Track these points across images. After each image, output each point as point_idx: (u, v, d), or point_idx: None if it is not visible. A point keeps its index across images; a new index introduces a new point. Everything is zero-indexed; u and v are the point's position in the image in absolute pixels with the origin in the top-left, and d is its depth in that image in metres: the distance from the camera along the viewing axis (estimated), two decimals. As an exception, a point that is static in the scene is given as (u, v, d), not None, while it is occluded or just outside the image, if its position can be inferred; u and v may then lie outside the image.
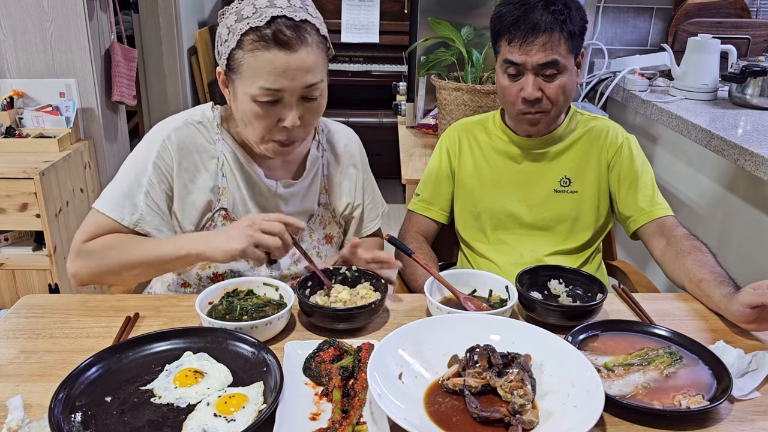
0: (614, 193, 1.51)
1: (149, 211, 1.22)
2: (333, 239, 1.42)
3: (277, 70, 1.10)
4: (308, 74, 1.12)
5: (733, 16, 2.70)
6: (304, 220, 1.35)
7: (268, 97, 1.12)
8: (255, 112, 1.14)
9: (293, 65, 1.10)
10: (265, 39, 1.09)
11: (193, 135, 1.25)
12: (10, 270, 2.46)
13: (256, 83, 1.11)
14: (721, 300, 1.16)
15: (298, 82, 1.12)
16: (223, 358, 0.97)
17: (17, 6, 2.56)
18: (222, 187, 1.26)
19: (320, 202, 1.38)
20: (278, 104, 1.14)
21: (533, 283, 1.24)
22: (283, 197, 1.32)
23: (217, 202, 1.27)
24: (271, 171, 1.31)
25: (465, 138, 1.57)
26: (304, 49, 1.11)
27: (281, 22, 1.09)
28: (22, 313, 1.15)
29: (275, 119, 1.15)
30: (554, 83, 1.38)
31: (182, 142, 1.24)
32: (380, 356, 0.92)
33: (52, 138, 2.53)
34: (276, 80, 1.10)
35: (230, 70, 1.15)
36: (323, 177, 1.38)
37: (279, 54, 1.09)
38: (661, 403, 0.91)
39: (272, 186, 1.30)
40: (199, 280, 1.30)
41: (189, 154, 1.24)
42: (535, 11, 1.34)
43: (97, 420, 0.84)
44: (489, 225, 1.55)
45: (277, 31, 1.09)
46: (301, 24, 1.11)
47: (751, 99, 2.20)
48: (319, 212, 1.38)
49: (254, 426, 0.81)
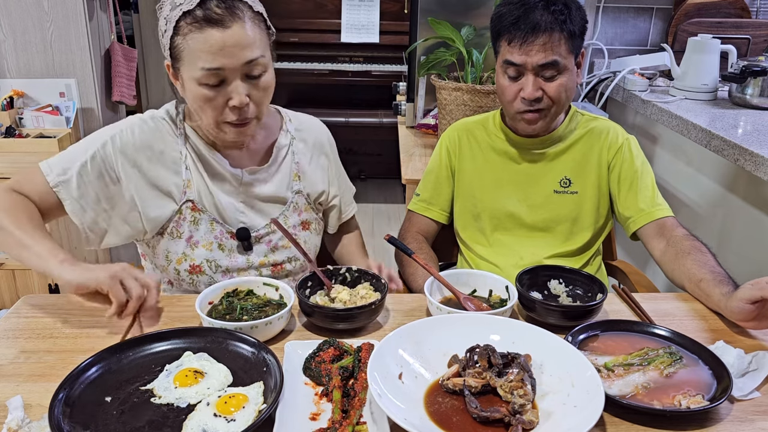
0: (614, 193, 1.50)
1: (78, 180, 1.21)
2: (311, 225, 1.42)
3: (213, 48, 1.11)
4: (246, 50, 1.13)
5: (733, 16, 2.70)
6: (276, 207, 1.36)
7: (212, 78, 1.13)
8: (202, 95, 1.15)
9: (229, 42, 1.11)
10: (198, 20, 1.11)
11: (158, 129, 1.27)
12: (10, 270, 2.46)
13: (196, 65, 1.13)
14: (720, 299, 1.16)
15: (237, 59, 1.13)
16: (223, 358, 0.97)
17: (17, 6, 2.56)
18: (186, 179, 1.28)
19: (293, 189, 1.38)
20: (223, 85, 1.15)
21: (533, 283, 1.24)
22: (250, 184, 1.33)
23: (183, 195, 1.28)
24: (235, 160, 1.32)
25: (465, 138, 1.57)
26: (238, 24, 1.12)
27: (212, 3, 1.11)
28: (22, 313, 1.15)
29: (224, 100, 1.16)
30: (554, 83, 1.38)
31: (146, 134, 1.26)
32: (380, 356, 0.92)
33: (52, 138, 2.53)
34: (214, 59, 1.11)
35: (174, 59, 1.17)
36: (295, 164, 1.39)
37: (213, 32, 1.11)
38: (661, 403, 0.91)
39: (238, 174, 1.31)
40: (178, 274, 1.30)
41: (151, 146, 1.26)
42: (535, 11, 1.33)
43: (97, 420, 0.84)
44: (489, 225, 1.55)
45: (208, 10, 1.11)
46: (232, 2, 1.12)
47: (751, 99, 2.20)
48: (293, 199, 1.38)
49: (254, 426, 0.81)
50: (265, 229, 1.34)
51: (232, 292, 1.16)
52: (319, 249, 1.47)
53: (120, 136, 1.25)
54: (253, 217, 1.33)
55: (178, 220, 1.28)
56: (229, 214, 1.31)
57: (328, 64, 4.18)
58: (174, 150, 1.28)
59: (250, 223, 1.33)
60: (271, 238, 1.34)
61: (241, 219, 1.32)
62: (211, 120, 1.19)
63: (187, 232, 1.28)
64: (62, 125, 2.64)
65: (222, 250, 1.30)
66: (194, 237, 1.29)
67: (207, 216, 1.29)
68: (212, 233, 1.30)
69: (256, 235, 1.33)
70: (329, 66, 4.19)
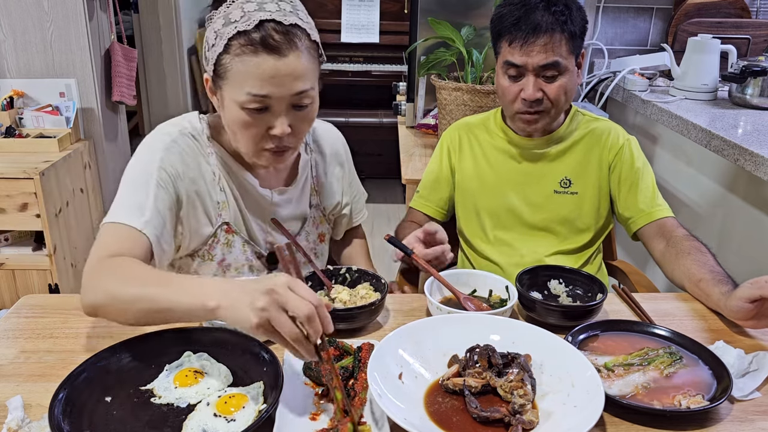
0: (614, 194, 1.50)
1: (156, 214, 1.12)
2: (325, 237, 1.42)
3: (264, 75, 1.05)
4: (297, 81, 1.08)
5: (733, 16, 2.70)
6: (298, 224, 1.34)
7: (256, 104, 1.08)
8: (243, 120, 1.10)
9: (282, 71, 1.06)
10: (253, 43, 1.05)
11: (190, 147, 1.20)
12: (10, 270, 2.45)
13: (243, 89, 1.07)
14: (720, 298, 1.16)
15: (287, 89, 1.07)
16: (223, 358, 0.97)
17: (17, 6, 2.56)
18: (221, 201, 1.23)
19: (312, 204, 1.37)
20: (266, 112, 1.09)
21: (533, 283, 1.24)
22: (279, 205, 1.30)
23: (219, 217, 1.23)
24: (264, 180, 1.28)
25: (466, 137, 1.58)
26: (294, 54, 1.06)
27: (270, 27, 1.05)
28: (22, 313, 1.15)
29: (264, 127, 1.11)
30: (555, 84, 1.37)
31: (182, 153, 1.19)
32: (380, 356, 0.92)
33: (52, 138, 2.53)
34: (263, 86, 1.06)
35: (217, 76, 1.11)
36: (313, 179, 1.37)
37: (267, 59, 1.05)
38: (661, 403, 0.91)
39: (267, 196, 1.27)
40: None
41: (190, 165, 1.19)
42: (536, 12, 1.33)
43: (97, 420, 0.84)
44: (489, 223, 1.55)
45: (265, 35, 1.04)
46: (291, 28, 1.06)
47: (751, 99, 2.20)
48: (312, 214, 1.37)
49: (254, 426, 0.81)
50: None
51: (232, 292, 1.16)
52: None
53: (167, 157, 1.16)
54: (278, 237, 1.30)
55: (212, 243, 1.24)
56: (258, 235, 1.28)
57: (328, 64, 4.18)
58: (207, 170, 1.21)
59: (277, 242, 1.30)
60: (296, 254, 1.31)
61: (268, 239, 1.30)
62: (248, 145, 1.14)
63: (219, 255, 1.25)
64: (62, 125, 2.64)
65: (252, 272, 1.28)
66: (227, 260, 1.25)
67: (240, 238, 1.26)
68: (244, 255, 1.27)
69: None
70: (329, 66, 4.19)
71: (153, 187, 1.13)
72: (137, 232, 1.08)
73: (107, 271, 1.01)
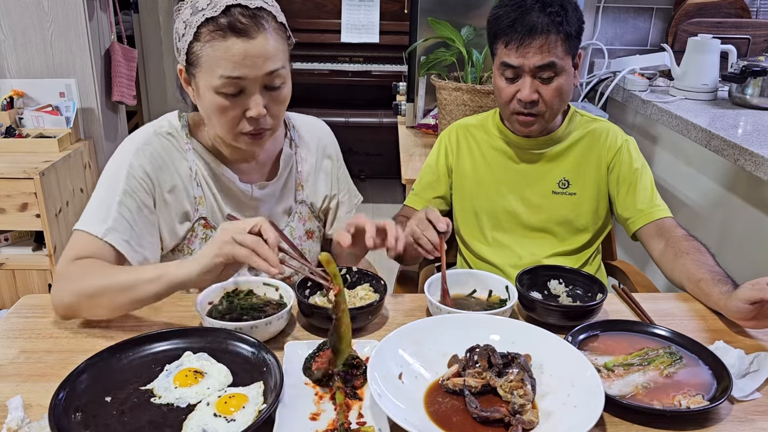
0: (613, 195, 1.50)
1: (120, 220, 1.17)
2: (314, 234, 1.42)
3: (235, 57, 1.09)
4: (268, 61, 1.11)
5: (733, 16, 2.70)
6: (282, 219, 1.35)
7: (230, 87, 1.11)
8: (219, 105, 1.13)
9: (252, 52, 1.09)
10: (222, 28, 1.08)
11: (164, 146, 1.24)
12: (10, 270, 2.46)
13: (216, 73, 1.10)
14: (719, 298, 1.16)
15: (259, 69, 1.11)
16: (223, 358, 0.97)
17: (17, 6, 2.56)
18: (198, 196, 1.26)
19: (297, 199, 1.37)
20: (241, 95, 1.12)
21: (533, 283, 1.24)
22: (260, 200, 1.31)
23: (195, 212, 1.26)
24: (245, 175, 1.29)
25: (464, 137, 1.58)
26: (262, 35, 1.10)
27: (237, 11, 1.09)
28: (22, 313, 1.15)
29: (240, 111, 1.14)
30: (551, 85, 1.37)
31: (154, 154, 1.22)
32: (380, 356, 0.92)
33: (52, 138, 2.53)
34: (235, 68, 1.09)
35: (190, 64, 1.15)
36: (297, 173, 1.37)
37: (236, 42, 1.09)
38: (661, 403, 0.91)
39: (247, 190, 1.29)
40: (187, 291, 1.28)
41: (162, 166, 1.23)
42: (532, 13, 1.33)
43: (97, 420, 0.84)
44: (487, 224, 1.55)
45: (233, 19, 1.08)
46: (257, 11, 1.10)
47: (751, 99, 2.20)
48: (297, 209, 1.37)
49: (254, 426, 0.81)
50: None
51: (232, 292, 1.16)
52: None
53: (136, 162, 1.20)
54: None
55: (191, 237, 1.27)
56: None
57: (328, 64, 4.18)
58: (184, 166, 1.25)
59: None
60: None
61: None
62: (226, 130, 1.17)
63: (198, 249, 1.26)
64: (62, 125, 2.64)
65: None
66: None
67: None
68: None
69: None
70: (329, 66, 4.19)
71: (119, 194, 1.18)
72: (99, 241, 1.15)
73: (72, 273, 1.11)
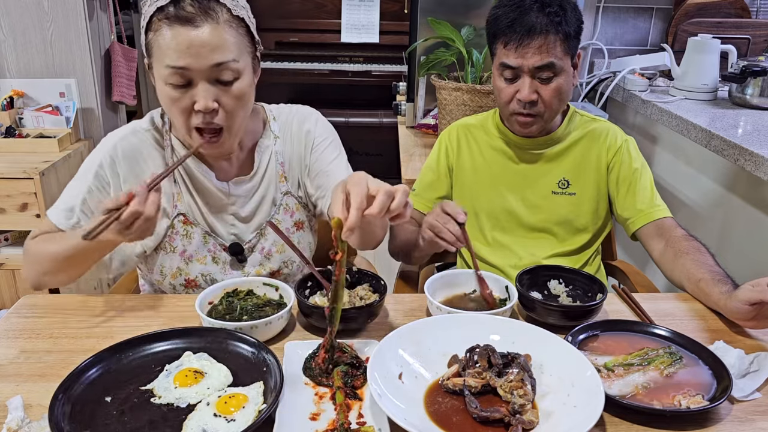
0: (613, 195, 1.50)
1: (85, 218, 1.22)
2: (303, 225, 1.37)
3: (180, 46, 1.07)
4: (215, 52, 1.08)
5: (733, 16, 2.70)
6: (266, 213, 1.31)
7: (177, 78, 1.09)
8: (169, 95, 1.11)
9: (196, 41, 1.07)
10: (168, 17, 1.07)
11: (142, 143, 1.25)
12: (10, 270, 2.46)
13: (163, 63, 1.09)
14: (719, 298, 1.16)
15: (204, 60, 1.08)
16: (223, 358, 0.97)
17: (17, 6, 2.56)
18: (176, 193, 1.26)
19: (281, 191, 1.34)
20: (190, 87, 1.10)
21: (533, 283, 1.24)
22: (238, 196, 1.29)
23: (174, 208, 1.26)
24: (221, 172, 1.28)
25: (464, 137, 1.57)
26: (209, 25, 1.08)
27: (186, 1, 1.08)
28: (22, 313, 1.15)
29: (189, 103, 1.11)
30: (550, 86, 1.37)
31: (129, 151, 1.23)
32: (380, 356, 0.92)
33: (52, 138, 2.53)
34: (180, 57, 1.07)
35: (148, 56, 1.14)
36: (279, 164, 1.33)
37: (181, 30, 1.07)
38: (661, 403, 0.91)
39: (224, 188, 1.28)
40: (173, 289, 1.30)
41: (138, 162, 1.24)
42: (531, 13, 1.33)
43: (97, 420, 0.84)
44: (487, 224, 1.55)
45: (178, 7, 1.07)
46: (208, 2, 1.09)
47: (751, 99, 2.20)
48: (282, 201, 1.33)
49: (254, 426, 0.81)
50: (256, 237, 1.32)
51: (232, 292, 1.16)
52: (315, 247, 1.43)
53: (106, 159, 1.23)
54: (244, 228, 1.31)
55: (171, 234, 1.27)
56: (220, 227, 1.29)
57: (328, 64, 4.18)
58: (161, 164, 1.25)
59: (241, 234, 1.31)
60: (263, 244, 1.32)
61: (231, 231, 1.30)
62: (180, 124, 1.16)
63: (180, 246, 1.27)
64: (62, 125, 2.64)
65: (216, 264, 1.29)
66: (188, 251, 1.27)
67: (199, 229, 1.28)
68: (205, 246, 1.28)
69: (248, 246, 1.31)
70: (329, 66, 4.18)
71: (84, 191, 1.23)
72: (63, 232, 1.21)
73: (32, 248, 1.22)
